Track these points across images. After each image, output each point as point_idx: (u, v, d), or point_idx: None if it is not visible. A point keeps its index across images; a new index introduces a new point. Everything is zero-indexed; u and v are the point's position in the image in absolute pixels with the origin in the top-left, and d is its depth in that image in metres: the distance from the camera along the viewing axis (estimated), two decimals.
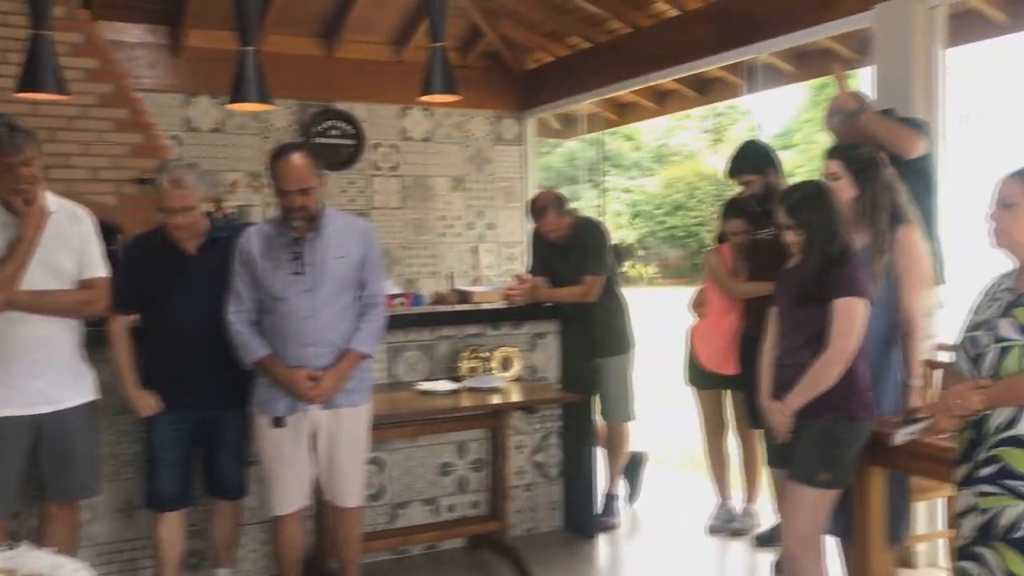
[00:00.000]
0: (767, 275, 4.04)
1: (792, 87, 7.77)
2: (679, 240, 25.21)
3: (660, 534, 4.85)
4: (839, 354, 2.98)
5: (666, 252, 25.50)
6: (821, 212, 3.09)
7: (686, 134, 28.88)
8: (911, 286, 3.34)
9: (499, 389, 4.30)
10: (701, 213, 24.68)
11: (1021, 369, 2.36)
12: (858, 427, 3.02)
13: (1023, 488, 2.33)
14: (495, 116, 7.58)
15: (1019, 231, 2.44)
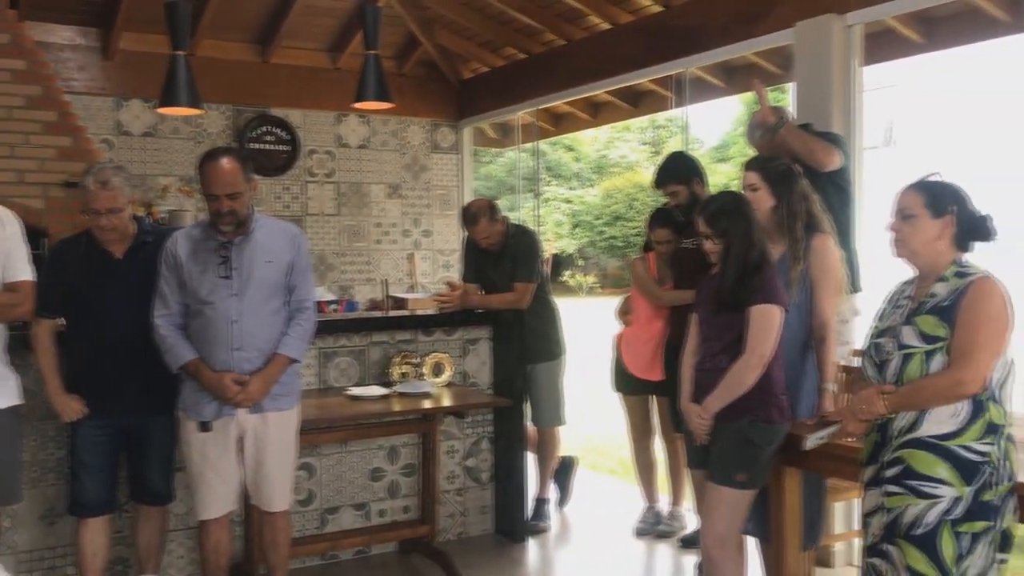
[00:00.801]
0: (692, 283, 4.15)
1: (723, 100, 7.94)
2: (618, 250, 25.49)
3: (589, 537, 4.92)
4: (756, 359, 3.07)
5: (605, 262, 25.76)
6: (738, 222, 3.19)
7: (626, 146, 29.24)
8: (825, 293, 3.45)
9: (430, 394, 4.33)
10: (640, 224, 24.97)
11: (923, 374, 2.48)
12: (774, 429, 3.12)
13: (924, 487, 2.45)
14: (432, 124, 7.62)
15: (918, 241, 2.57)
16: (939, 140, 8.70)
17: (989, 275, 2.50)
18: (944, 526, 2.43)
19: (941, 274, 2.55)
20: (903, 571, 2.49)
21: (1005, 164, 3.55)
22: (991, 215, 2.55)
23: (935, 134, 9.07)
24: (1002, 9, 4.45)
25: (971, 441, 2.44)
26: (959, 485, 2.42)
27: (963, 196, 2.55)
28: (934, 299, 2.52)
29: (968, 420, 2.44)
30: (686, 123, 6.77)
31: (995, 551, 2.46)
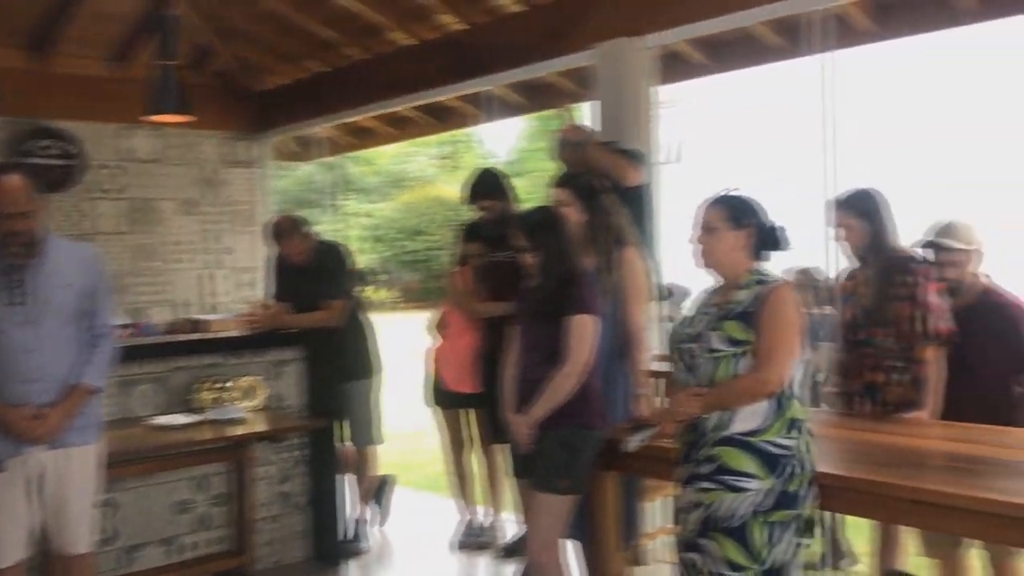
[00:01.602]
0: (505, 295, 4.24)
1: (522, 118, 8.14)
2: (418, 264, 25.52)
3: (409, 554, 4.90)
4: (574, 367, 3.18)
5: (406, 276, 25.71)
6: (555, 235, 3.29)
7: (422, 160, 29.37)
8: (634, 303, 3.62)
9: (242, 419, 4.18)
10: (439, 237, 25.13)
11: (731, 376, 2.65)
12: (594, 435, 3.23)
13: (736, 482, 2.61)
14: (228, 137, 7.33)
15: (719, 252, 2.75)
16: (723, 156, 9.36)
17: (786, 283, 2.71)
18: (754, 517, 2.60)
19: (742, 282, 2.73)
20: (719, 563, 2.64)
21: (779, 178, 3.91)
22: (784, 227, 2.76)
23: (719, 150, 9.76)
24: (779, 36, 4.84)
25: (775, 436, 2.62)
26: (766, 478, 2.60)
27: (759, 209, 2.76)
28: (737, 306, 2.70)
29: (771, 416, 2.63)
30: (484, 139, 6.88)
31: (798, 536, 2.65)
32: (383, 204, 27.70)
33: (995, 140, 7.84)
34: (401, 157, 28.73)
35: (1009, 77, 7.63)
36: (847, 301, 3.70)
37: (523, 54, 5.19)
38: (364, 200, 27.14)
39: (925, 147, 8.04)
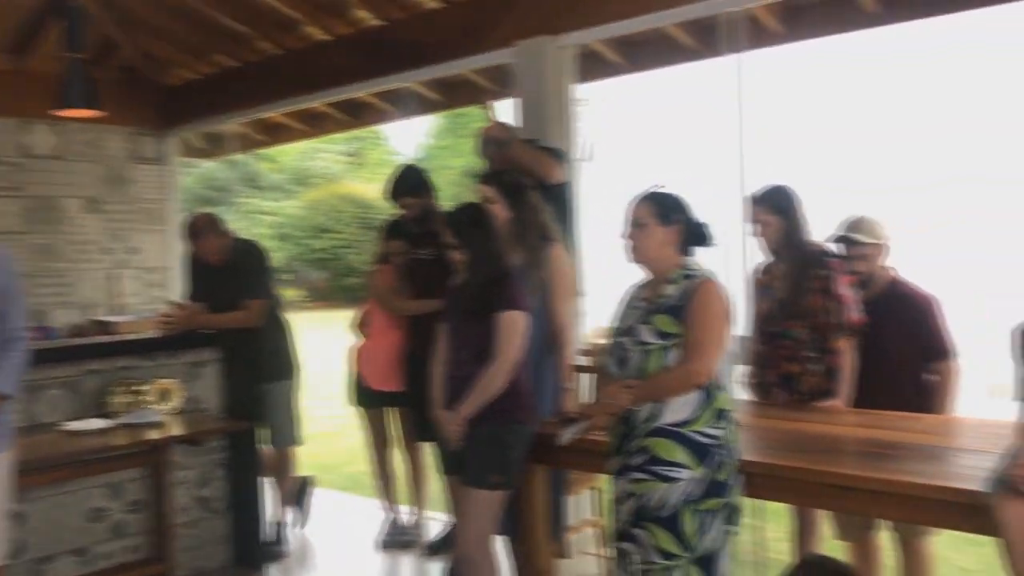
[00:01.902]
0: (428, 293, 4.24)
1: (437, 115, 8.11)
2: (324, 263, 25.17)
3: (332, 556, 4.85)
4: (505, 364, 3.20)
5: (312, 275, 25.33)
6: (483, 232, 3.31)
7: (327, 157, 28.98)
8: (560, 298, 3.67)
9: (158, 423, 4.06)
10: (345, 235, 24.85)
11: (661, 369, 2.71)
12: (524, 430, 3.26)
13: (667, 472, 2.67)
14: (134, 133, 7.09)
15: (649, 247, 2.81)
16: (637, 155, 9.53)
17: (713, 277, 2.79)
18: (685, 506, 2.67)
19: (670, 277, 2.80)
20: (652, 552, 2.70)
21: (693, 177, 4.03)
22: (709, 223, 2.84)
23: (633, 149, 9.94)
24: (692, 37, 4.96)
25: (704, 426, 2.70)
26: (697, 467, 2.67)
27: (686, 205, 2.83)
28: (666, 300, 2.77)
29: (700, 407, 2.70)
30: (392, 136, 6.83)
31: (727, 524, 2.74)
32: (288, 202, 27.21)
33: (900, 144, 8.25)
34: (306, 154, 28.28)
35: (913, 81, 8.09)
36: (762, 295, 3.81)
37: (441, 51, 5.18)
38: (268, 198, 26.61)
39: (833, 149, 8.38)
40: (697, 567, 2.66)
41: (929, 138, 8.28)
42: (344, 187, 26.89)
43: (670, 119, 9.41)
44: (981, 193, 8.01)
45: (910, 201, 7.60)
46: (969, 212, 8.00)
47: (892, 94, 8.38)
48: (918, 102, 8.34)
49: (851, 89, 8.52)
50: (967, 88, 8.07)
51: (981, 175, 8.10)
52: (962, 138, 8.18)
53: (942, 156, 8.26)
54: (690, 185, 3.23)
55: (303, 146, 27.02)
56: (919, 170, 8.28)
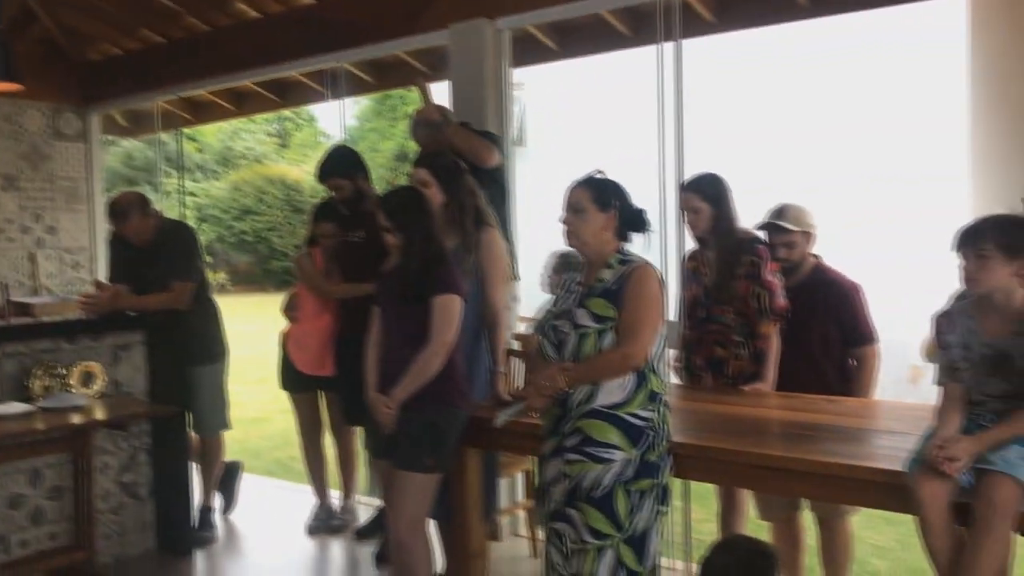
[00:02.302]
0: (360, 276, 4.20)
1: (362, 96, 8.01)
2: (249, 245, 24.70)
3: (260, 541, 4.79)
4: (440, 347, 3.20)
5: (236, 258, 24.84)
6: (418, 216, 3.29)
7: (251, 137, 28.41)
8: (494, 283, 3.67)
9: (80, 407, 3.95)
10: (271, 218, 24.42)
11: (596, 351, 2.74)
12: (458, 414, 3.26)
13: (601, 454, 2.71)
14: (53, 109, 6.87)
15: (587, 232, 2.84)
16: (571, 141, 9.56)
17: (647, 262, 2.83)
18: (618, 486, 2.71)
19: (607, 261, 2.84)
20: (585, 531, 2.74)
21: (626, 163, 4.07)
22: (646, 210, 2.88)
23: (567, 135, 9.96)
24: (626, 25, 5.00)
25: (637, 408, 2.74)
26: (628, 448, 2.71)
27: (624, 192, 2.86)
28: (602, 284, 2.80)
29: (634, 390, 2.75)
30: (319, 116, 6.75)
31: (657, 504, 2.79)
32: (212, 182, 26.61)
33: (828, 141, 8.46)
34: (229, 134, 27.68)
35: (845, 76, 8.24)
36: (692, 280, 3.88)
37: (375, 31, 5.13)
38: (192, 178, 25.98)
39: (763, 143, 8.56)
40: (628, 546, 2.71)
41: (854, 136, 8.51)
42: (270, 168, 26.39)
43: (606, 106, 9.44)
44: (904, 191, 8.27)
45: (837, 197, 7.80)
46: (893, 209, 8.24)
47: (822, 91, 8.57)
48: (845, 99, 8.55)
49: (783, 84, 8.68)
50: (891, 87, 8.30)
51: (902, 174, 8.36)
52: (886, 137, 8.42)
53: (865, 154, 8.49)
54: (625, 172, 3.27)
55: (228, 126, 26.44)
56: (843, 167, 8.50)
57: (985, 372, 2.46)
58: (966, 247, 2.42)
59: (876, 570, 4.72)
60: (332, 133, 28.23)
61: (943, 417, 2.48)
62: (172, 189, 7.41)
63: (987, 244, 2.38)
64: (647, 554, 2.75)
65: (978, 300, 2.47)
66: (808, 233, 3.80)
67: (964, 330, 2.50)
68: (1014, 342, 2.41)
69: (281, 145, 29.54)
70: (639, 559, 2.73)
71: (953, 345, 2.52)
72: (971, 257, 2.41)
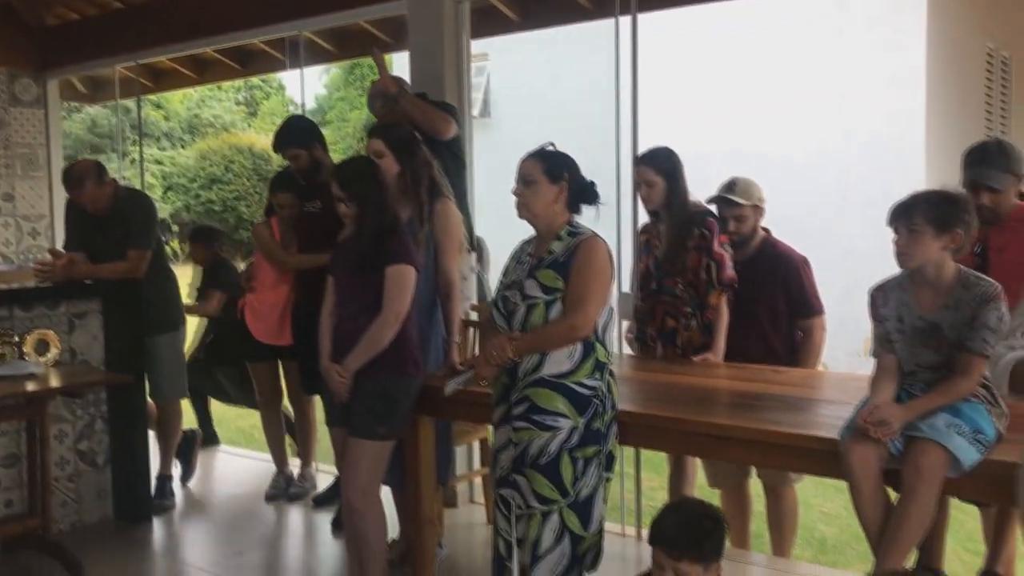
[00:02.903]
0: (317, 247, 4.21)
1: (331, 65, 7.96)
2: (216, 215, 24.45)
3: (218, 509, 4.82)
4: (392, 317, 3.22)
5: None
6: (372, 186, 3.30)
7: (219, 105, 28.05)
8: (448, 253, 3.70)
9: (35, 375, 3.95)
10: (238, 187, 24.18)
11: (544, 322, 2.79)
12: (410, 383, 3.30)
13: (547, 421, 2.76)
14: (9, 75, 6.76)
15: (538, 204, 2.87)
16: (530, 113, 9.55)
17: (595, 235, 2.87)
18: (563, 453, 2.76)
19: (557, 233, 2.87)
20: (531, 497, 2.80)
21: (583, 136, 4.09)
22: (596, 182, 2.92)
23: (526, 107, 9.95)
24: None
25: (583, 378, 2.79)
26: (574, 416, 2.77)
27: (574, 164, 2.90)
28: (551, 255, 2.85)
29: (580, 360, 2.80)
30: (287, 85, 6.70)
31: (602, 470, 2.85)
32: (177, 151, 26.27)
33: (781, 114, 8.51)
34: (196, 102, 27.31)
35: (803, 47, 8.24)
36: (645, 253, 3.94)
37: (334, 0, 5.10)
38: (156, 146, 25.65)
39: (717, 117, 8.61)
40: (572, 511, 2.77)
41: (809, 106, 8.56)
42: (238, 137, 26.06)
43: (563, 78, 9.44)
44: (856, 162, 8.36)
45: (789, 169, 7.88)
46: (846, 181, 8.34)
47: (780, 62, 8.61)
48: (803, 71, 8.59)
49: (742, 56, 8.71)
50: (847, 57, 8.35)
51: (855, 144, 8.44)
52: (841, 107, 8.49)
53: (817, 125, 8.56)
54: (584, 145, 3.31)
55: (194, 93, 26.09)
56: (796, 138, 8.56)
57: (917, 344, 2.54)
58: (898, 222, 2.48)
59: (824, 536, 4.85)
60: (300, 102, 27.98)
61: (877, 387, 2.56)
62: (139, 157, 7.30)
63: (918, 219, 2.45)
64: (591, 519, 2.81)
65: (911, 274, 2.54)
66: (757, 207, 3.86)
67: (898, 303, 2.58)
68: (944, 314, 2.48)
69: (250, 113, 29.21)
70: (583, 524, 2.79)
71: (887, 318, 2.60)
72: (903, 232, 2.48)
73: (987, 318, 2.41)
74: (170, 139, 26.71)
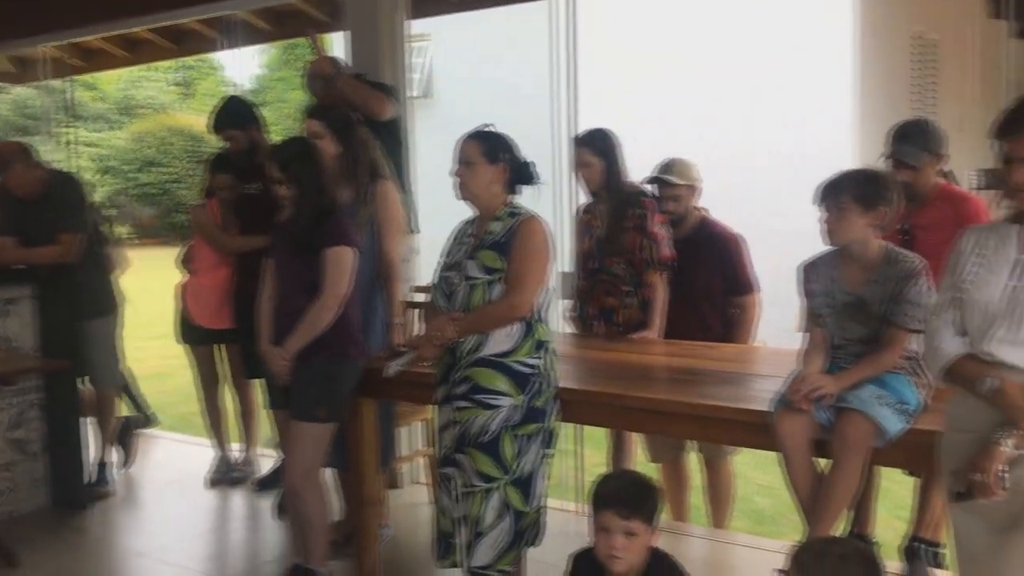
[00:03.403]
0: (257, 229, 4.18)
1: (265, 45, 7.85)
2: (153, 198, 23.99)
3: (158, 495, 4.78)
4: (332, 299, 3.22)
5: (139, 211, 24.10)
6: (310, 168, 3.29)
7: (154, 86, 27.45)
8: (389, 235, 3.70)
9: None
10: (175, 169, 23.73)
11: (485, 302, 2.81)
12: (351, 365, 3.31)
13: (489, 400, 2.79)
14: None
15: (477, 185, 2.89)
16: (472, 93, 9.52)
17: (535, 215, 2.90)
18: (505, 431, 2.80)
19: (496, 214, 2.90)
20: (473, 475, 2.83)
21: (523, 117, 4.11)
22: (535, 162, 2.95)
23: (473, 88, 9.91)
24: None
25: (524, 356, 2.83)
26: (516, 395, 2.80)
27: (513, 145, 2.92)
28: (491, 236, 2.87)
29: (521, 339, 2.83)
30: (224, 65, 6.61)
31: (543, 447, 2.90)
32: (112, 133, 25.66)
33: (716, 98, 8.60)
34: (130, 82, 26.68)
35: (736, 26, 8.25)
36: (584, 233, 3.98)
37: None
38: (90, 128, 25.00)
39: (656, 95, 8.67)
40: (514, 487, 2.81)
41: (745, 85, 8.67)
42: (173, 118, 25.56)
43: (504, 59, 9.43)
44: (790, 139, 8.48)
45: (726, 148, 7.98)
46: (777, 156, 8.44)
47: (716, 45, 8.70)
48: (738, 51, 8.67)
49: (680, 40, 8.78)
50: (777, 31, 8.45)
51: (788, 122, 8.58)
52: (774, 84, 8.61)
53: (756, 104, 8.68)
54: (519, 125, 3.32)
55: (128, 74, 25.48)
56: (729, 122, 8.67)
57: (846, 318, 2.62)
58: (826, 201, 2.56)
59: (761, 508, 4.98)
60: (237, 83, 27.46)
61: (807, 360, 2.64)
62: (71, 139, 7.12)
63: (845, 197, 2.52)
64: (533, 495, 2.86)
65: (840, 251, 2.62)
66: (693, 187, 3.92)
67: (827, 279, 2.65)
68: (870, 290, 2.57)
69: (185, 94, 28.64)
70: (525, 500, 2.84)
71: (817, 293, 2.67)
72: (831, 210, 2.55)
73: (911, 293, 2.50)
74: (105, 121, 26.09)
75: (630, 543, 2.36)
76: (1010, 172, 1.97)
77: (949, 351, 2.08)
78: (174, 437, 5.94)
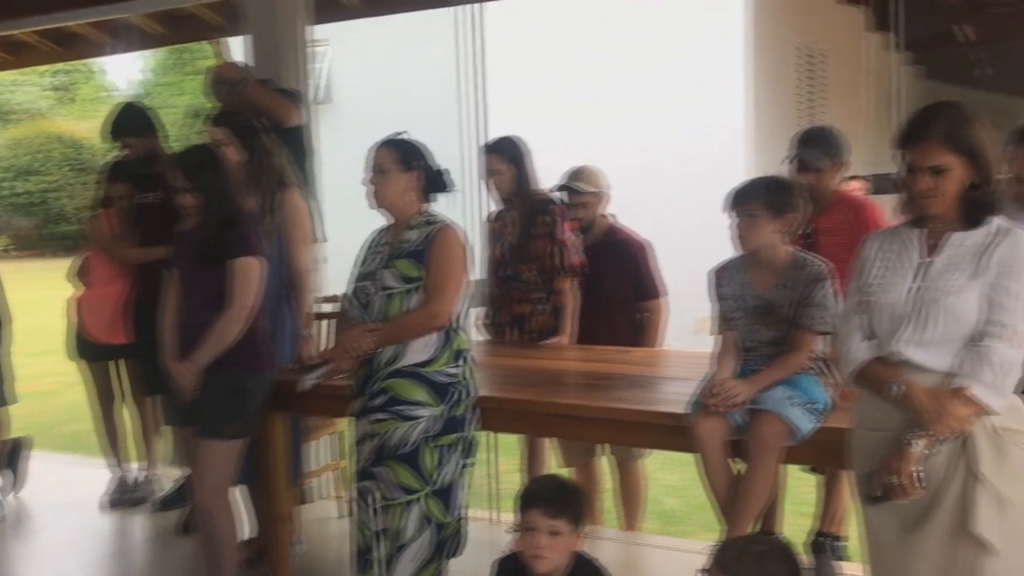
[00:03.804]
0: (154, 239, 4.04)
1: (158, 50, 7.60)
2: (31, 208, 22.89)
3: (53, 518, 4.55)
4: (240, 311, 3.13)
5: (16, 221, 22.97)
6: (215, 175, 3.20)
7: (32, 90, 26.24)
8: (296, 244, 3.63)
9: None
10: (55, 178, 22.72)
11: (403, 311, 2.78)
12: (261, 378, 3.22)
13: (407, 411, 2.77)
14: None
15: (391, 193, 2.87)
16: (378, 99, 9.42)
17: (451, 223, 2.89)
18: (425, 442, 2.78)
19: (411, 222, 2.88)
20: (392, 488, 2.80)
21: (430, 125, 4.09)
22: (448, 170, 2.94)
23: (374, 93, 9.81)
24: None
25: (443, 366, 2.81)
26: (435, 405, 2.79)
27: (427, 152, 2.91)
28: (408, 244, 2.84)
29: (440, 348, 2.81)
30: (106, 69, 6.38)
31: (463, 457, 2.89)
32: None
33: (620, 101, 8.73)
34: (5, 86, 25.44)
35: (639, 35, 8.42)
36: (495, 240, 3.99)
37: None
38: None
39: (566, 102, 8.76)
40: (435, 498, 2.79)
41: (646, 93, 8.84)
42: (52, 124, 24.47)
43: (407, 66, 9.38)
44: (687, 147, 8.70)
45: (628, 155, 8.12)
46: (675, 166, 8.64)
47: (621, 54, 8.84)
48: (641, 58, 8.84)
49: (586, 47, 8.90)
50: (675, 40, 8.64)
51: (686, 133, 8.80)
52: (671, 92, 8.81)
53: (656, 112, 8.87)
54: (426, 132, 3.31)
55: (3, 77, 24.28)
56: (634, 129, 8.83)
57: (756, 321, 2.70)
58: (737, 207, 2.63)
59: (670, 508, 5.07)
60: (120, 88, 26.51)
61: (719, 363, 2.71)
62: None
63: (755, 204, 2.60)
64: (453, 505, 2.84)
65: (749, 255, 2.70)
66: (601, 194, 3.98)
67: (738, 283, 2.73)
68: (779, 293, 2.65)
69: (66, 99, 27.48)
70: (446, 510, 2.82)
71: (728, 297, 2.75)
72: (742, 216, 2.63)
73: (817, 296, 2.60)
74: None
75: (554, 543, 2.38)
76: (913, 180, 2.06)
77: (858, 356, 2.16)
78: (65, 459, 5.67)
